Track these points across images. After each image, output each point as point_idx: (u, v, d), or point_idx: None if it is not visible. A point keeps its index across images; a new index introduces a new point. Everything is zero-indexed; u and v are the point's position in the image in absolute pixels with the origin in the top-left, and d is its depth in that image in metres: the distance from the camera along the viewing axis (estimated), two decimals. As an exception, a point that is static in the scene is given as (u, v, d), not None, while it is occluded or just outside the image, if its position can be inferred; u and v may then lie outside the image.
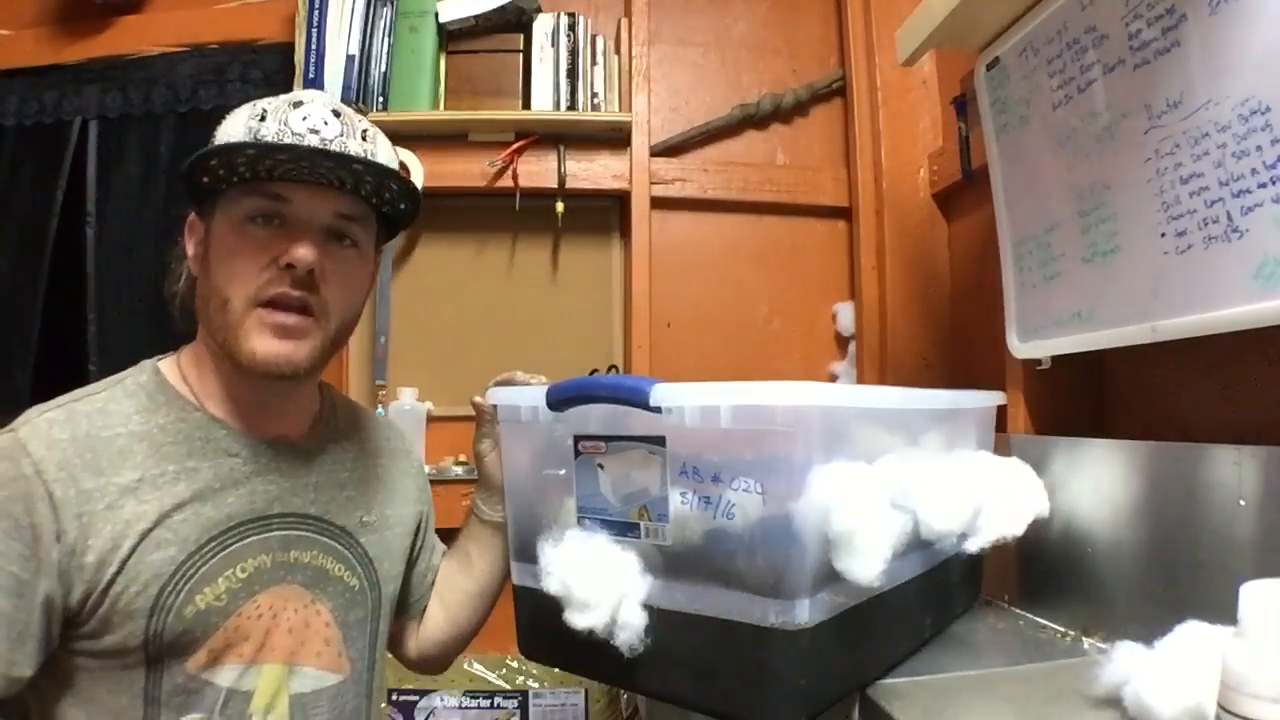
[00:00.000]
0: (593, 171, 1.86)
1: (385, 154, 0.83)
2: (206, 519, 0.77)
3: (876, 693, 0.83)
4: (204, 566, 0.76)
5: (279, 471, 0.83)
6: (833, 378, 1.92)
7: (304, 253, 0.76)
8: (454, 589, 1.03)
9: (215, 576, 0.76)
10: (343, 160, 0.77)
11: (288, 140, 0.76)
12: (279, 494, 0.82)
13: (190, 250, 0.83)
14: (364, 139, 0.81)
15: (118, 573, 0.72)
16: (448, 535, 1.74)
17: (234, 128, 0.79)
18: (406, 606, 1.01)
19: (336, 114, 0.80)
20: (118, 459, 0.74)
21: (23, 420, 0.74)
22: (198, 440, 0.79)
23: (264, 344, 0.77)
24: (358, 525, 0.89)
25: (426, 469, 1.73)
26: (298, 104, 0.79)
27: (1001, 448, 1.12)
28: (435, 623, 1.02)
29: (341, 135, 0.79)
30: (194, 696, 0.75)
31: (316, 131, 0.78)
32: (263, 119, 0.77)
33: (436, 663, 1.05)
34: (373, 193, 0.82)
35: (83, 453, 0.73)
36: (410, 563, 0.99)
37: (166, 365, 0.84)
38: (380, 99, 1.75)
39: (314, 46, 1.71)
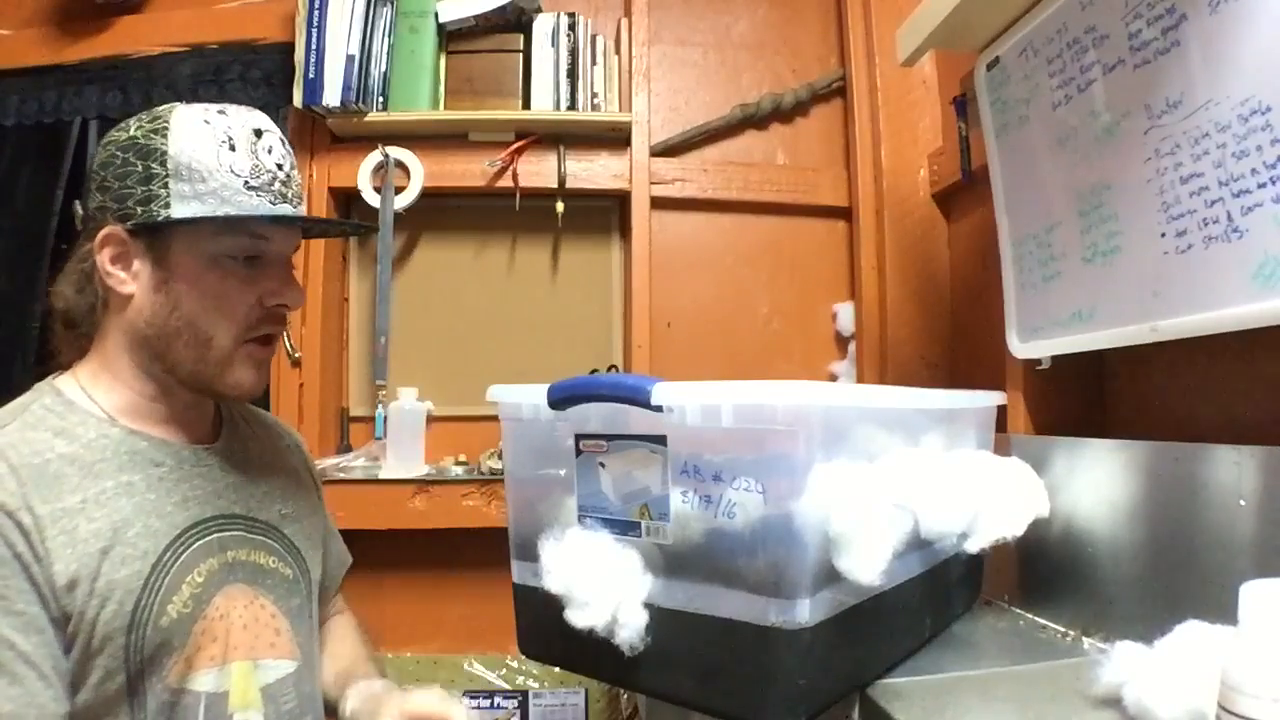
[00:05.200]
0: (593, 171, 1.86)
1: None
2: (156, 530, 0.78)
3: (876, 692, 0.83)
4: (167, 576, 0.77)
5: (201, 476, 0.85)
6: (833, 378, 1.92)
7: (299, 294, 0.84)
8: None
9: (179, 584, 0.78)
10: (333, 224, 0.85)
11: (264, 177, 0.80)
12: (206, 497, 0.84)
13: (111, 269, 0.79)
14: (295, 165, 0.87)
15: (89, 594, 0.72)
16: (448, 535, 1.75)
17: (199, 151, 0.77)
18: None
19: (283, 143, 0.85)
20: (55, 484, 0.74)
21: None
22: (124, 454, 0.79)
23: (249, 376, 0.83)
24: (279, 517, 0.91)
25: (427, 469, 1.75)
26: (259, 132, 0.81)
27: (1001, 448, 1.12)
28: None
29: (291, 168, 0.85)
30: (178, 709, 0.76)
31: (281, 166, 0.83)
32: (232, 149, 0.79)
33: None
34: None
35: (24, 482, 0.72)
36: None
37: (65, 385, 0.82)
38: (380, 99, 1.75)
39: (314, 46, 1.71)
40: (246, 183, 0.78)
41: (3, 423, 0.78)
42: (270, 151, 0.81)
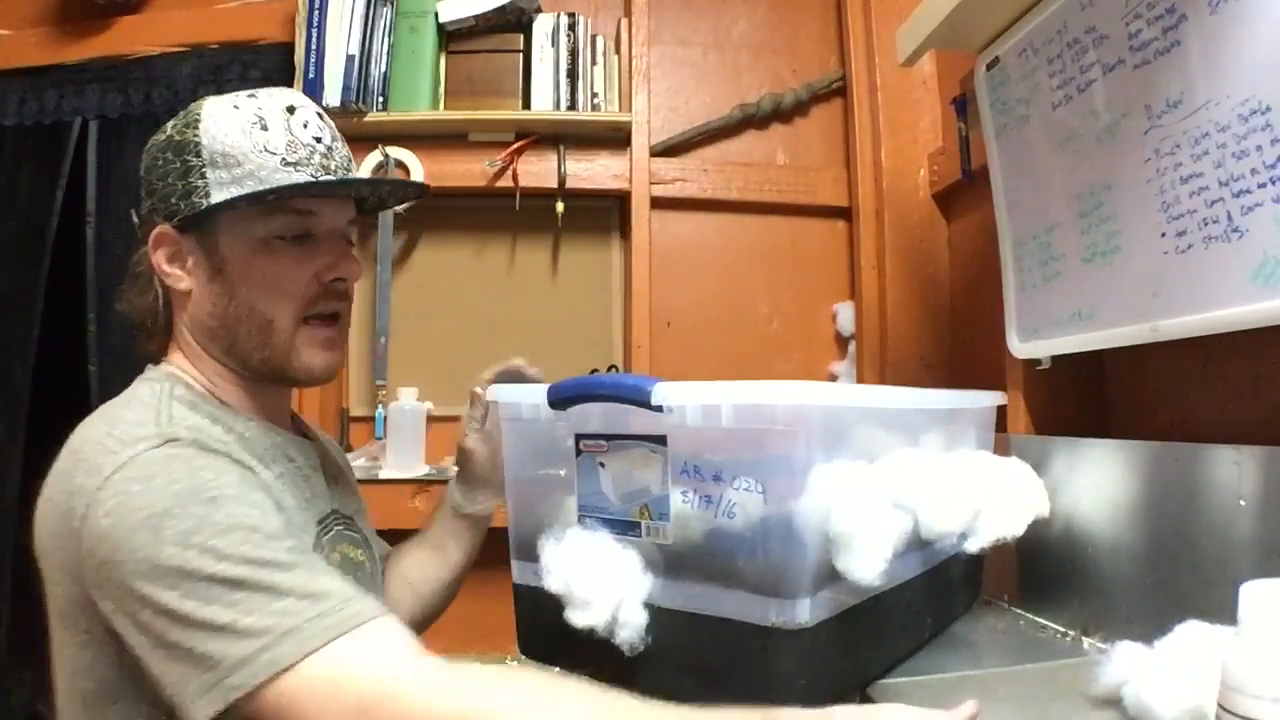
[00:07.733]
0: (593, 171, 1.86)
1: None
2: (305, 521, 0.78)
3: (876, 693, 0.83)
4: None
5: (315, 471, 0.85)
6: (833, 378, 1.92)
7: (355, 267, 0.81)
8: (427, 577, 1.03)
9: None
10: (377, 184, 0.85)
11: (301, 152, 0.76)
12: (321, 493, 0.85)
13: (168, 268, 0.78)
14: (340, 138, 0.83)
15: None
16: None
17: (231, 136, 0.75)
18: None
19: (320, 115, 0.81)
20: (255, 461, 0.74)
21: (145, 438, 0.67)
22: (267, 447, 0.79)
23: (317, 358, 0.80)
24: (356, 512, 0.92)
25: (427, 469, 1.75)
26: (291, 109, 0.78)
27: (1001, 448, 1.12)
28: (406, 606, 1.00)
29: (333, 139, 0.80)
30: None
31: (320, 139, 0.78)
32: (264, 128, 0.76)
33: None
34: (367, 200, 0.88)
35: (239, 452, 0.72)
36: None
37: (185, 382, 0.78)
38: (380, 99, 1.75)
39: (314, 46, 1.71)
40: (284, 159, 0.75)
41: (154, 405, 0.72)
42: (306, 126, 0.78)
